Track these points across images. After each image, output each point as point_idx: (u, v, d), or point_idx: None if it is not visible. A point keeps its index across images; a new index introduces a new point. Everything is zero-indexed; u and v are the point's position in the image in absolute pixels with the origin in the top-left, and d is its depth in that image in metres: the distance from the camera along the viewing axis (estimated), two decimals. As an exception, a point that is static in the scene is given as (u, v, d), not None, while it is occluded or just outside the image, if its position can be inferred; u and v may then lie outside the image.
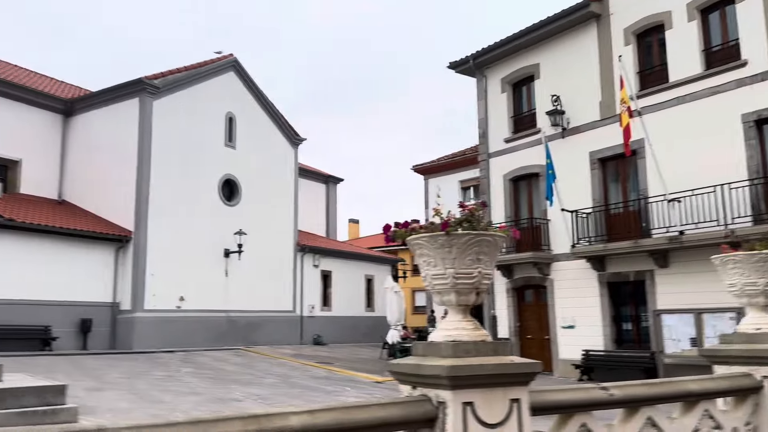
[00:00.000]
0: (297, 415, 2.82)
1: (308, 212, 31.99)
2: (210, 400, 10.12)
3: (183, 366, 16.00)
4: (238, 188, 25.86)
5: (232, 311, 24.50)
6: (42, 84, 25.73)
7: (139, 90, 22.46)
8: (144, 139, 22.24)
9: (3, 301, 17.48)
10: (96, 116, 24.04)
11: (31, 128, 23.62)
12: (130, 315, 21.20)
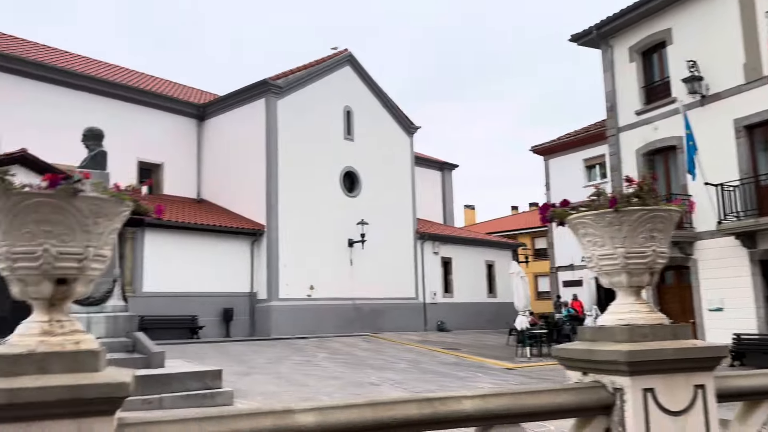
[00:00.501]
0: (470, 399, 2.81)
1: (425, 200, 32.15)
2: (349, 384, 10.46)
3: (318, 351, 16.69)
4: (358, 179, 26.47)
5: (357, 299, 25.20)
6: (176, 91, 27.78)
7: (264, 91, 23.61)
8: (271, 137, 23.36)
9: (158, 294, 19.19)
10: (226, 118, 25.61)
11: (171, 133, 25.60)
12: (266, 304, 22.46)
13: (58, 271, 2.25)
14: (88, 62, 26.56)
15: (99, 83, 23.90)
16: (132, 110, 24.38)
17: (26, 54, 22.94)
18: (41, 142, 19.61)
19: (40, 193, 2.19)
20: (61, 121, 22.12)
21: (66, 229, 2.24)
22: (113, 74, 25.87)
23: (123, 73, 27.07)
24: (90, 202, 2.28)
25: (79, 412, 2.11)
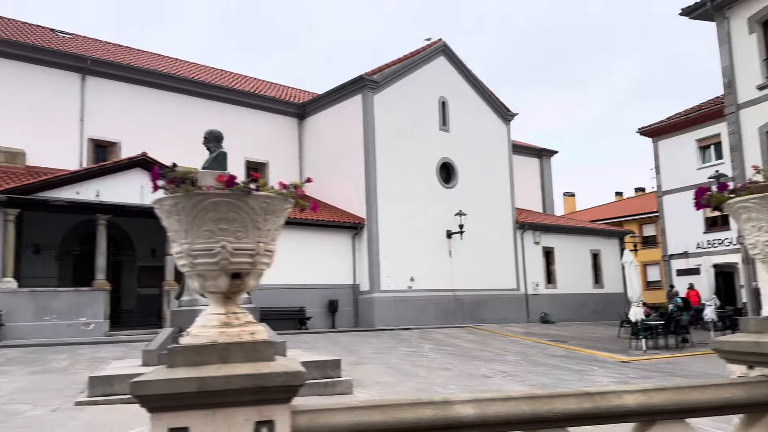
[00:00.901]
0: (631, 394, 2.71)
1: (524, 188, 31.44)
2: (460, 375, 10.44)
3: (423, 342, 16.79)
4: (454, 170, 26.29)
5: (458, 290, 25.08)
6: (278, 92, 28.79)
7: (360, 87, 23.96)
8: (368, 132, 23.69)
9: (269, 287, 20.03)
10: (325, 116, 26.26)
11: (274, 133, 26.59)
12: (369, 295, 22.87)
13: (233, 266, 2.39)
14: (196, 68, 28.05)
15: (209, 88, 25.21)
16: (238, 112, 25.53)
17: (142, 63, 24.56)
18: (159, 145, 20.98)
19: (218, 192, 2.32)
20: (175, 125, 23.55)
21: (240, 226, 2.37)
22: (220, 78, 27.18)
23: (228, 77, 28.39)
24: (261, 200, 2.39)
25: (260, 400, 2.23)
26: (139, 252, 22.32)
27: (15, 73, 20.65)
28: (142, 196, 18.95)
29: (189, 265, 2.39)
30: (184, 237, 2.37)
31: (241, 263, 2.38)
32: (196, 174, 2.48)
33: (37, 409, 6.97)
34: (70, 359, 12.16)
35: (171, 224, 2.40)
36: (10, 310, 16.28)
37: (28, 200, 17.02)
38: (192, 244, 2.35)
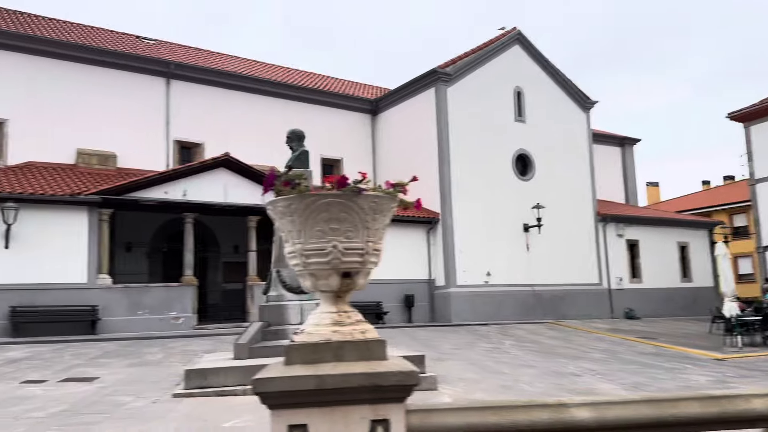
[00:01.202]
0: (759, 398, 2.54)
1: (604, 179, 30.37)
2: (546, 373, 10.20)
3: (503, 338, 16.53)
4: (531, 162, 25.72)
5: (536, 285, 24.56)
6: (350, 89, 29.08)
7: (433, 80, 23.84)
8: (442, 125, 23.54)
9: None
10: (398, 110, 26.30)
11: (347, 130, 26.90)
12: (445, 290, 22.77)
13: (344, 266, 2.40)
14: (271, 68, 28.75)
15: (284, 87, 25.80)
16: (312, 110, 25.98)
17: (221, 65, 25.42)
18: (240, 145, 21.67)
19: (330, 193, 2.34)
20: (253, 125, 24.25)
21: (350, 226, 2.38)
22: (293, 77, 27.75)
23: (302, 76, 28.94)
24: (370, 199, 2.40)
25: (375, 399, 2.23)
26: (222, 248, 23.16)
27: (105, 79, 21.84)
28: (225, 194, 19.65)
29: (301, 265, 2.42)
30: (296, 237, 2.40)
31: (352, 262, 2.40)
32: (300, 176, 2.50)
33: (139, 401, 7.34)
34: (163, 352, 12.76)
35: (284, 225, 2.45)
36: (105, 305, 17.28)
37: (120, 200, 17.99)
38: (304, 244, 2.38)
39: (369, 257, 2.45)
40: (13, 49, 20.22)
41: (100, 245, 17.62)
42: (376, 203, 2.41)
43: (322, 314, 2.48)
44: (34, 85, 20.37)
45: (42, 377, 9.18)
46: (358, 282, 2.48)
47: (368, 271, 2.51)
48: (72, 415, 6.45)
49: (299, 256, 2.42)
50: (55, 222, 16.94)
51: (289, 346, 2.36)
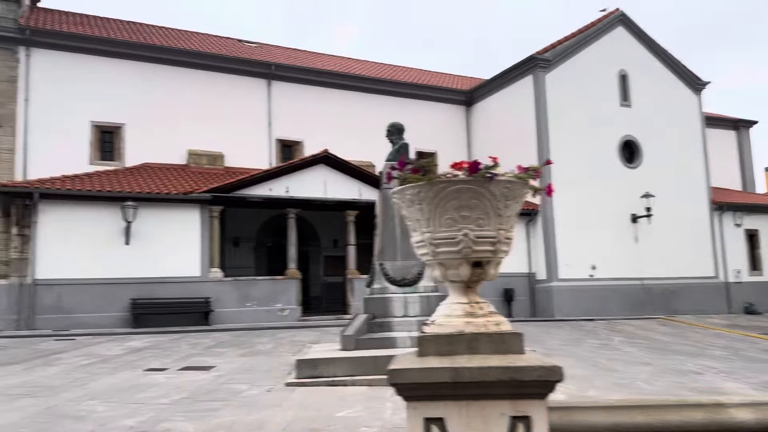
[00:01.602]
0: None
1: (718, 165, 28.27)
2: (664, 370, 9.62)
3: (611, 334, 15.82)
4: (638, 148, 24.41)
5: (645, 278, 23.31)
6: (443, 81, 28.85)
7: (531, 67, 23.16)
8: (540, 113, 22.84)
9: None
10: (493, 100, 25.80)
11: (441, 122, 26.71)
12: (546, 284, 22.11)
13: (475, 255, 2.31)
14: (365, 65, 29.07)
15: (378, 83, 26.02)
16: (407, 104, 26.00)
17: (318, 65, 26.00)
18: (337, 141, 22.07)
19: (461, 180, 2.26)
20: (350, 121, 24.63)
21: (482, 213, 2.29)
22: (386, 72, 27.90)
23: (394, 71, 29.05)
24: (502, 185, 2.29)
25: (515, 394, 2.13)
26: (323, 243, 23.72)
27: (211, 83, 22.94)
28: (325, 190, 20.10)
29: (430, 254, 2.36)
30: (425, 226, 2.34)
31: (483, 251, 2.30)
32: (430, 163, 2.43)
33: (254, 389, 7.61)
34: (272, 342, 13.23)
35: (412, 213, 2.39)
36: (217, 297, 18.18)
37: (228, 198, 18.85)
38: (434, 232, 2.32)
39: (501, 246, 2.35)
40: (128, 57, 21.68)
41: (211, 240, 18.56)
42: (509, 189, 2.30)
43: (453, 305, 2.40)
44: (148, 90, 21.74)
45: (163, 365, 9.76)
46: (489, 272, 2.39)
47: (499, 260, 2.40)
48: (193, 402, 6.79)
49: (428, 246, 2.35)
50: (170, 219, 18.02)
51: (422, 337, 2.30)
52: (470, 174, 2.24)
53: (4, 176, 18.93)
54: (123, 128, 21.36)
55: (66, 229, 16.87)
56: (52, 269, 16.47)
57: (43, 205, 16.74)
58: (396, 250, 9.35)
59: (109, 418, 5.87)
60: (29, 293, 16.27)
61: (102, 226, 17.17)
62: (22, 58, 20.26)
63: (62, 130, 20.08)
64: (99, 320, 16.59)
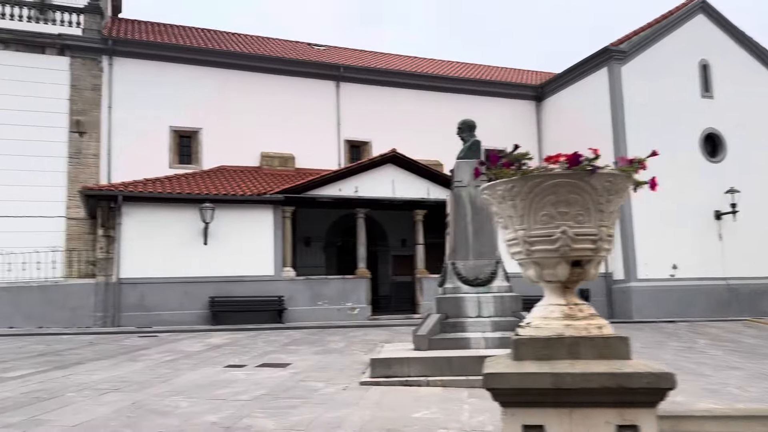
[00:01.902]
0: None
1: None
2: (757, 375, 9.03)
3: (696, 337, 15.04)
4: (721, 141, 23.14)
5: (730, 278, 22.06)
6: (512, 77, 28.31)
7: (605, 59, 22.39)
8: (616, 106, 22.03)
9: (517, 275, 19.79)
10: (565, 95, 25.10)
11: (510, 118, 26.20)
12: (624, 285, 21.29)
13: (574, 253, 2.19)
14: (431, 63, 28.92)
15: (445, 81, 25.84)
16: (474, 101, 25.67)
17: (384, 65, 26.07)
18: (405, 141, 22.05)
19: (558, 173, 2.14)
20: (416, 120, 24.56)
21: (581, 209, 2.16)
22: (453, 70, 27.65)
23: (461, 68, 28.74)
24: (604, 179, 2.15)
25: (621, 402, 1.99)
26: (391, 242, 23.77)
27: (282, 86, 23.42)
28: (393, 189, 20.11)
29: (524, 253, 2.25)
30: (519, 223, 2.24)
31: (583, 250, 2.17)
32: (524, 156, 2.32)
33: (329, 387, 7.66)
34: (345, 341, 13.33)
35: (504, 210, 2.29)
36: (290, 296, 18.53)
37: (300, 198, 19.18)
38: (528, 230, 2.21)
39: (602, 244, 2.21)
40: (204, 64, 22.45)
41: (283, 240, 18.94)
42: (611, 183, 2.16)
43: (550, 307, 2.28)
44: (222, 95, 22.44)
45: (241, 362, 10.00)
46: (590, 272, 2.25)
47: (600, 259, 2.26)
48: (272, 399, 6.89)
49: (522, 244, 2.25)
50: (244, 220, 18.52)
51: (517, 341, 2.19)
52: (570, 167, 2.12)
53: (91, 180, 19.99)
54: (200, 132, 22.13)
55: (148, 230, 17.63)
56: (135, 268, 17.25)
57: (127, 207, 17.56)
58: (468, 250, 9.20)
59: (193, 413, 6.04)
60: (114, 292, 17.11)
61: (181, 226, 17.84)
62: (105, 67, 21.34)
63: (143, 136, 21.02)
64: (179, 317, 17.24)
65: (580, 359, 2.06)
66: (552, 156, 2.23)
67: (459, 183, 9.29)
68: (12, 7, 21.09)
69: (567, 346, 2.10)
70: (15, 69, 20.14)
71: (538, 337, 2.14)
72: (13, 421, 5.62)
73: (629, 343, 2.14)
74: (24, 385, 7.72)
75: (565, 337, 2.11)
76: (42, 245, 17.99)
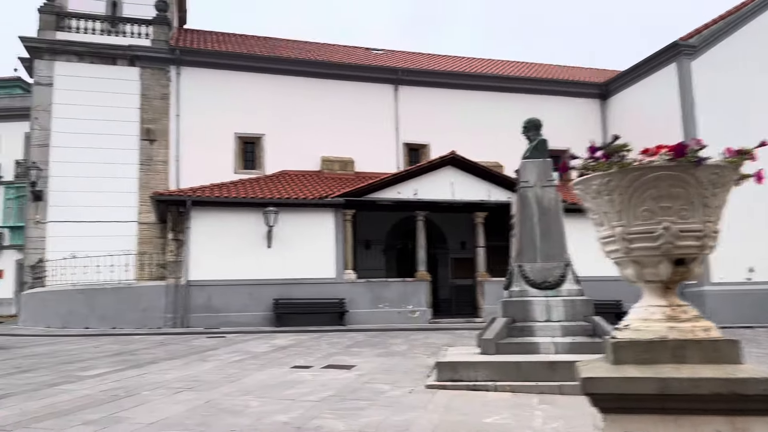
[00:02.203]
0: None
1: None
2: None
3: (779, 344, 14.19)
4: (803, 137, 21.78)
5: (814, 283, 20.74)
6: (574, 75, 27.62)
7: (674, 54, 21.57)
8: (686, 102, 21.18)
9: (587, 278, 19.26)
10: (631, 92, 24.32)
11: (573, 117, 25.58)
12: (697, 288, 20.34)
13: (678, 251, 2.05)
14: (488, 63, 28.55)
15: (504, 80, 25.48)
16: (535, 101, 25.18)
17: (442, 67, 25.94)
18: (463, 143, 21.84)
19: (662, 166, 2.02)
20: (475, 122, 24.31)
21: (685, 203, 2.02)
22: (510, 70, 27.21)
23: (519, 67, 28.25)
24: (710, 171, 2.01)
25: (734, 410, 1.86)
26: (450, 245, 23.57)
27: (341, 91, 23.66)
28: (452, 192, 19.94)
29: (622, 251, 2.13)
30: (616, 219, 2.12)
31: (687, 247, 2.04)
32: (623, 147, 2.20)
33: (395, 390, 7.61)
34: (406, 344, 13.28)
35: (599, 205, 2.18)
36: (351, 298, 18.63)
37: (360, 201, 19.29)
38: (627, 226, 2.09)
39: (707, 241, 2.07)
40: (266, 71, 22.95)
41: (344, 243, 19.09)
42: (717, 175, 2.02)
43: (650, 308, 2.15)
44: (284, 101, 22.87)
45: (307, 363, 10.10)
46: (694, 270, 2.11)
47: (704, 257, 2.12)
48: (340, 400, 6.90)
49: (619, 241, 2.13)
50: (306, 223, 18.78)
51: (616, 344, 2.08)
52: (675, 158, 1.99)
53: (160, 186, 20.74)
54: (263, 138, 22.62)
55: (214, 234, 18.12)
56: (203, 271, 17.75)
57: (195, 211, 18.10)
58: (536, 252, 8.99)
59: (264, 413, 6.11)
60: (184, 293, 17.66)
61: (246, 230, 18.24)
62: (173, 77, 22.12)
63: (209, 142, 21.67)
64: (245, 319, 17.63)
65: (685, 364, 1.93)
66: (648, 149, 2.10)
67: (525, 183, 9.10)
68: (86, 21, 22.16)
69: (671, 349, 1.97)
70: (90, 80, 21.15)
71: (638, 340, 2.02)
72: (94, 417, 5.84)
73: (740, 347, 1.99)
74: (102, 383, 8.03)
75: (669, 340, 1.99)
76: (115, 249, 18.77)
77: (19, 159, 31.58)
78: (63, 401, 6.71)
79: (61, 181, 20.58)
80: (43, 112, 21.04)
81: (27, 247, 20.84)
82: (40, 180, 20.63)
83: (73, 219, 20.08)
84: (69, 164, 20.53)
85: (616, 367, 2.01)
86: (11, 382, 8.13)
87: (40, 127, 21.02)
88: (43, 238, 20.40)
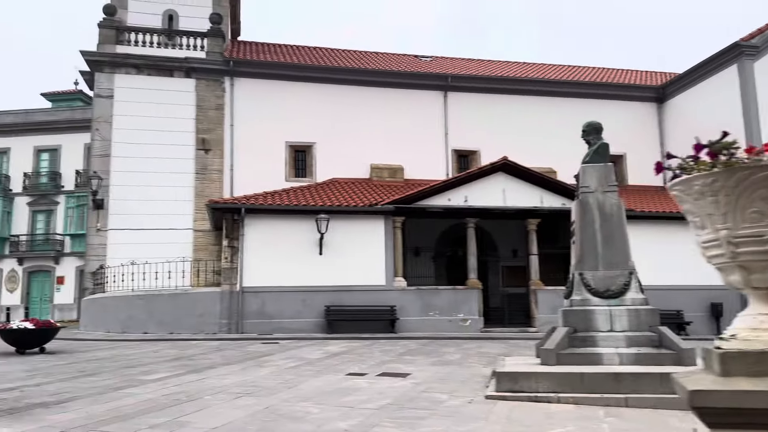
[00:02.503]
0: None
1: None
2: None
3: None
4: None
5: None
6: (630, 78, 26.92)
7: (735, 55, 20.81)
8: (749, 105, 20.38)
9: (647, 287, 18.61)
10: (690, 95, 23.55)
11: (629, 122, 24.94)
12: (764, 298, 19.45)
13: (791, 256, 1.92)
14: (539, 67, 28.13)
15: (555, 85, 25.03)
16: (589, 106, 24.62)
17: (492, 72, 25.68)
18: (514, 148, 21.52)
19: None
20: (525, 127, 23.95)
21: (800, 205, 1.89)
22: (562, 74, 26.73)
23: (571, 71, 27.72)
24: (827, 169, 1.87)
25: None
26: (501, 252, 23.23)
27: (391, 99, 23.72)
28: (504, 198, 19.66)
29: (728, 255, 2.00)
30: (721, 221, 1.99)
31: (802, 251, 1.90)
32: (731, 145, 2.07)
33: (454, 400, 7.49)
34: (460, 353, 13.10)
35: (702, 207, 2.05)
36: (402, 306, 18.56)
37: (410, 209, 19.23)
38: (734, 229, 1.96)
39: (822, 245, 1.92)
40: (316, 81, 23.23)
41: (394, 250, 19.06)
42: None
43: (760, 317, 2.01)
44: (334, 110, 23.09)
45: (361, 370, 10.06)
46: (806, 277, 1.96)
47: (817, 263, 1.97)
48: (398, 409, 6.83)
49: (724, 245, 1.99)
50: (357, 230, 18.84)
51: (724, 354, 1.94)
52: (790, 156, 1.85)
53: (215, 194, 21.20)
54: (313, 147, 22.88)
55: (267, 241, 18.38)
56: (256, 277, 18.01)
57: (249, 219, 18.41)
58: (597, 259, 8.71)
59: (324, 420, 6.09)
60: (238, 300, 17.95)
61: (298, 237, 18.43)
62: (227, 87, 22.63)
63: (262, 151, 22.05)
64: (297, 325, 17.78)
65: (802, 377, 1.78)
66: (752, 146, 1.97)
67: (586, 188, 8.85)
68: (144, 35, 22.93)
69: (783, 361, 1.82)
70: (148, 92, 21.85)
71: (749, 351, 1.88)
72: (159, 422, 5.93)
73: None
74: (164, 387, 8.18)
75: (781, 351, 1.84)
76: (172, 256, 19.25)
77: (79, 169, 32.86)
78: (127, 405, 6.86)
79: (121, 190, 21.29)
80: (104, 124, 21.84)
81: (88, 254, 21.62)
82: (101, 189, 21.39)
83: (132, 227, 20.74)
84: (128, 174, 21.23)
85: (725, 379, 1.88)
86: (77, 386, 8.38)
87: (101, 138, 21.82)
88: (103, 246, 21.13)
